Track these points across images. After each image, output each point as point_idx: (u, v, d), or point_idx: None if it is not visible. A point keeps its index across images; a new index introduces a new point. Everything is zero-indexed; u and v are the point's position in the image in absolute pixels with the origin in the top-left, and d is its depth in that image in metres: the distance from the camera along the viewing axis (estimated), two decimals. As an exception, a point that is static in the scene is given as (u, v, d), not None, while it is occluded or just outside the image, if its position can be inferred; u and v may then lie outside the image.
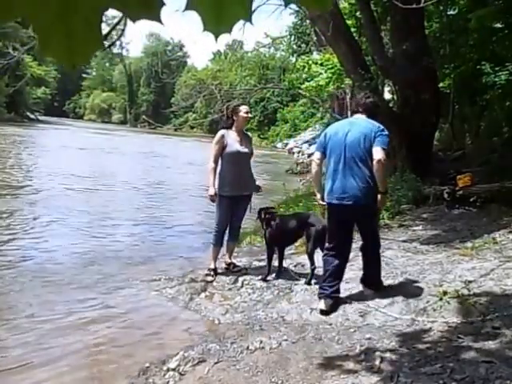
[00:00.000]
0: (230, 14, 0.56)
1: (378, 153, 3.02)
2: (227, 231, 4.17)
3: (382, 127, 3.13)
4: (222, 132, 4.00)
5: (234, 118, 4.01)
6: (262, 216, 4.00)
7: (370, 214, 3.28)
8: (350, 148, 3.10)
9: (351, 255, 4.25)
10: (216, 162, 3.98)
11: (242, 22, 0.59)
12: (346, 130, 3.17)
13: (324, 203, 3.31)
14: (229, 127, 4.04)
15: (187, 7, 0.55)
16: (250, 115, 4.08)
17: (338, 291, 3.22)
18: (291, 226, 3.86)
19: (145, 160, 17.47)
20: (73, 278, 4.13)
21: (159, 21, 0.55)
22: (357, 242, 3.63)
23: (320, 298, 3.20)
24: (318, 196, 3.39)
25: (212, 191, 3.92)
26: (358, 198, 3.08)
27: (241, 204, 4.09)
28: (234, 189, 3.97)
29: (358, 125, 3.18)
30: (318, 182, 3.46)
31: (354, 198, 3.08)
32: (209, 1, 0.55)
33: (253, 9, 0.58)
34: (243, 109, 4.01)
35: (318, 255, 3.72)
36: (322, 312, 3.13)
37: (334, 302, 3.18)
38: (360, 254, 3.54)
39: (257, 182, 4.25)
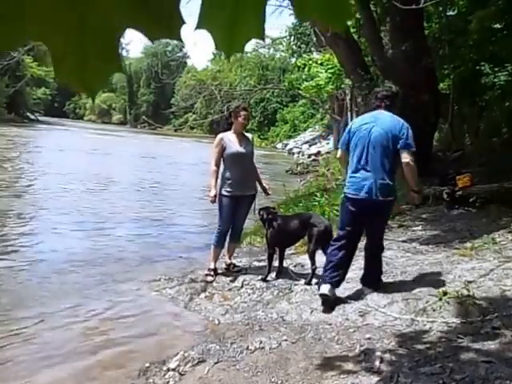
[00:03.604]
0: (243, 33, 0.54)
1: (406, 157, 3.12)
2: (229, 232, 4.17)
3: (406, 125, 3.18)
4: (220, 135, 4.06)
5: (233, 120, 4.04)
6: (264, 216, 4.00)
7: (383, 213, 3.33)
8: (373, 144, 3.16)
9: (351, 255, 4.26)
10: (217, 165, 4.02)
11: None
12: (371, 125, 3.21)
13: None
14: (228, 129, 4.07)
15: (198, 26, 0.54)
16: (246, 122, 4.10)
17: (339, 281, 3.25)
18: (293, 226, 3.85)
19: (145, 160, 17.47)
20: (72, 279, 4.13)
21: (179, 39, 0.53)
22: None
23: (320, 284, 3.24)
24: None
25: (213, 192, 3.94)
26: (375, 194, 3.14)
27: (243, 204, 4.09)
28: (236, 189, 3.99)
29: (382, 120, 3.21)
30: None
31: (371, 194, 3.14)
32: (221, 20, 0.54)
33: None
34: (242, 114, 4.03)
35: (320, 256, 3.73)
36: (323, 296, 3.16)
37: (335, 286, 3.22)
38: (362, 253, 3.55)
39: (264, 184, 4.23)
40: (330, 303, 3.18)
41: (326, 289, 3.16)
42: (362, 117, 3.43)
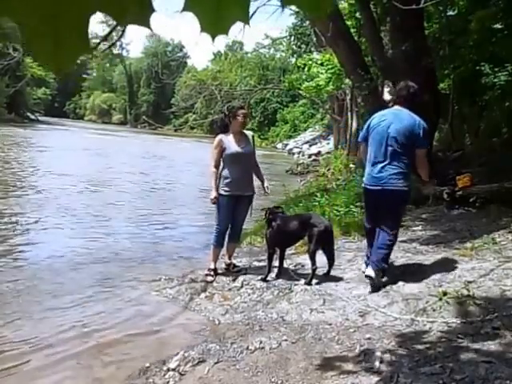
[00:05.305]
0: (228, 15, 0.56)
1: (420, 154, 3.44)
2: (228, 232, 4.17)
3: (422, 123, 3.39)
4: (219, 136, 4.04)
5: (232, 120, 4.03)
6: (266, 216, 4.01)
7: (399, 201, 3.50)
8: (391, 139, 3.37)
9: (351, 256, 4.28)
10: (217, 167, 4.02)
11: (242, 23, 0.59)
12: (389, 121, 3.42)
13: None
14: (225, 131, 4.06)
15: (185, 8, 0.56)
16: (245, 120, 4.09)
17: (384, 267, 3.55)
18: (293, 227, 3.84)
19: (144, 160, 17.48)
20: (73, 279, 4.14)
21: (148, 27, 0.55)
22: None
23: (368, 264, 3.53)
24: None
25: (214, 194, 3.94)
26: (391, 184, 3.37)
27: (242, 204, 4.09)
28: (235, 188, 3.98)
29: (401, 118, 3.42)
30: None
31: (387, 185, 3.37)
32: (206, 2, 0.55)
33: (253, 10, 0.59)
34: (241, 113, 4.03)
35: (320, 256, 3.72)
36: (370, 278, 3.41)
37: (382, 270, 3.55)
38: (361, 253, 3.56)
39: (265, 184, 4.21)
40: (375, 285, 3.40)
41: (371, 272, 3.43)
42: (381, 112, 3.62)
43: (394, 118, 3.42)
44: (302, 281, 3.71)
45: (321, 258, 3.74)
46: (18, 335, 3.00)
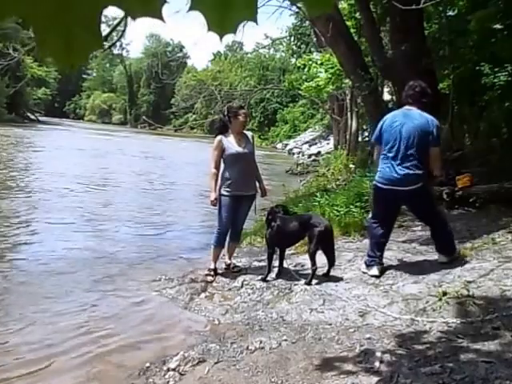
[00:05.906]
0: (235, 14, 0.56)
1: (434, 151, 3.50)
2: (229, 232, 4.17)
3: (435, 122, 3.46)
4: (219, 137, 4.03)
5: (232, 120, 4.03)
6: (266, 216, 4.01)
7: (420, 197, 3.56)
8: (404, 140, 3.42)
9: (350, 256, 4.28)
10: (217, 168, 4.01)
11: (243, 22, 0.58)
12: (402, 122, 3.48)
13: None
14: (225, 131, 4.05)
15: (191, 7, 0.55)
16: (246, 120, 4.10)
17: (382, 260, 3.67)
18: (293, 227, 3.83)
19: (144, 161, 17.48)
20: (72, 279, 4.14)
21: (161, 18, 0.54)
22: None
23: (372, 265, 3.60)
24: None
25: (213, 196, 3.94)
26: (405, 184, 3.42)
27: (243, 204, 4.09)
28: (236, 188, 3.98)
29: (412, 118, 3.48)
30: None
31: (401, 184, 3.43)
32: (213, 1, 0.55)
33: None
34: (242, 113, 4.02)
35: (320, 256, 3.72)
36: (376, 277, 3.54)
37: (383, 267, 3.62)
38: (361, 253, 3.57)
39: (262, 186, 4.22)
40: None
41: (378, 270, 3.55)
42: (392, 114, 3.67)
43: (406, 119, 3.47)
44: (302, 281, 3.71)
45: (321, 258, 3.74)
46: (18, 335, 3.01)
